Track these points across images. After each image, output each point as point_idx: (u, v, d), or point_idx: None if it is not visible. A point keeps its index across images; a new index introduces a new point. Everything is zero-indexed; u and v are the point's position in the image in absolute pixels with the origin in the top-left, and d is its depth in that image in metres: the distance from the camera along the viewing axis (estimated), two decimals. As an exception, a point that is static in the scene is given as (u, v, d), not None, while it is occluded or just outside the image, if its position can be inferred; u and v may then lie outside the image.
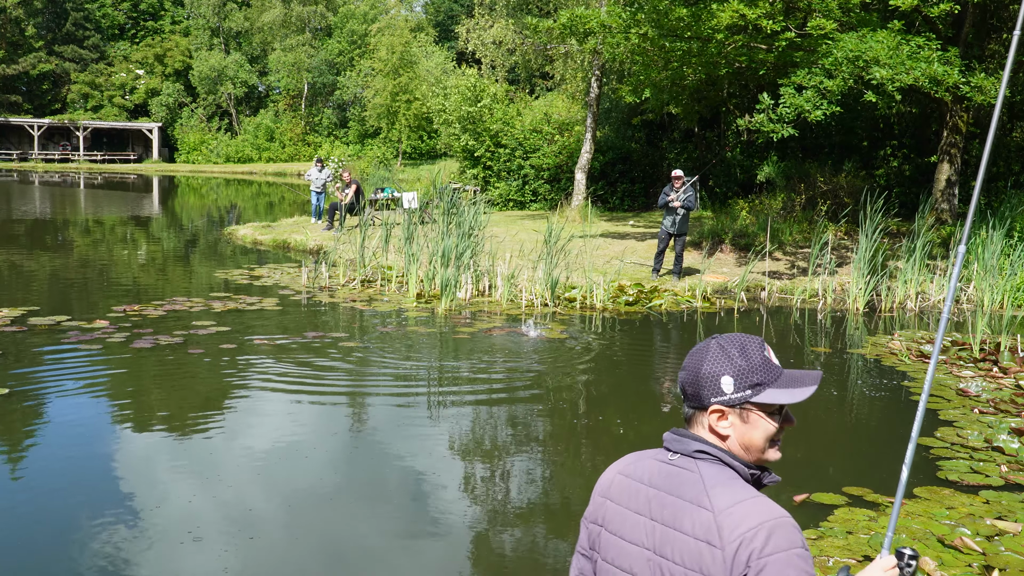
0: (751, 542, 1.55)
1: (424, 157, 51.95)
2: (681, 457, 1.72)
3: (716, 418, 1.70)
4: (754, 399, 1.68)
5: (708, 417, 1.72)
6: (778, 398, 1.68)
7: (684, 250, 13.01)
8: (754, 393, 1.68)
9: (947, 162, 14.87)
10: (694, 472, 1.68)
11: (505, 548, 4.51)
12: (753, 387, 1.68)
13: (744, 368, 1.68)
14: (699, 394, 1.72)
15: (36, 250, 16.75)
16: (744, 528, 1.57)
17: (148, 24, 68.82)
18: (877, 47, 11.44)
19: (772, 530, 1.56)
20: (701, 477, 1.67)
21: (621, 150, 22.22)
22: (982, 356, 8.72)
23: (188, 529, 4.52)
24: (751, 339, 1.72)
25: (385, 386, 7.44)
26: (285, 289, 11.99)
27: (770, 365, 1.70)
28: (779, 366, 1.72)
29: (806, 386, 1.70)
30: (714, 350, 1.71)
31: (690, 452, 1.71)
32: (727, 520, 1.59)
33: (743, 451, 1.71)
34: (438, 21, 64.45)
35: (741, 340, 1.72)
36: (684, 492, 1.67)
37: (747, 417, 1.69)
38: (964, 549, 4.32)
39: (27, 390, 6.91)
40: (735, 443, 1.71)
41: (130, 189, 39.40)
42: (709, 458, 1.69)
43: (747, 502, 1.61)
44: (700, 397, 1.72)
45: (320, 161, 19.50)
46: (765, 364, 1.69)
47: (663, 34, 13.48)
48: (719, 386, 1.69)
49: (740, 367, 1.69)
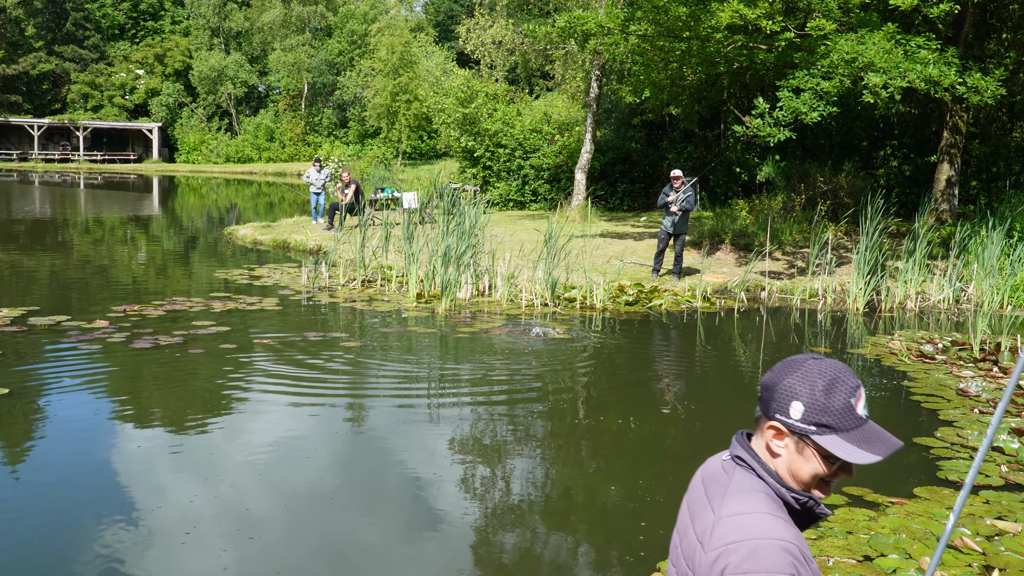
0: (729, 555, 1.54)
1: (424, 157, 51.96)
2: (730, 459, 1.73)
3: (772, 434, 1.67)
4: (815, 438, 1.61)
5: (767, 429, 1.68)
6: (838, 450, 1.60)
7: (684, 250, 13.00)
8: (818, 432, 1.61)
9: (947, 162, 14.87)
10: (728, 476, 1.69)
11: (505, 548, 4.51)
12: (819, 426, 1.61)
13: (820, 405, 1.61)
14: (768, 403, 1.68)
15: (36, 250, 16.75)
16: (729, 540, 1.55)
17: (148, 24, 68.83)
18: (871, 51, 11.43)
19: (755, 550, 1.52)
20: (729, 482, 1.67)
21: (621, 150, 22.22)
22: (982, 356, 8.72)
23: (188, 529, 4.52)
24: (847, 380, 1.63)
25: (385, 386, 7.43)
26: (285, 289, 11.98)
27: (850, 414, 1.61)
28: (863, 416, 1.63)
29: (874, 452, 1.60)
30: (804, 370, 1.64)
31: (731, 457, 1.72)
32: (720, 528, 1.59)
33: (789, 476, 1.66)
34: (438, 21, 64.46)
35: (834, 376, 1.63)
36: (712, 492, 1.69)
37: (803, 449, 1.64)
38: (964, 549, 4.32)
39: (27, 390, 6.91)
40: (783, 465, 1.66)
41: (130, 189, 39.40)
42: (744, 467, 1.68)
43: (747, 515, 1.58)
44: (768, 406, 1.68)
45: (319, 161, 19.47)
46: (845, 411, 1.61)
47: (662, 33, 13.48)
48: (788, 407, 1.63)
49: (817, 401, 1.61)
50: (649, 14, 13.30)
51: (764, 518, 1.57)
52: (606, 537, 4.65)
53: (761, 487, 1.63)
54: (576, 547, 4.54)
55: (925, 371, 8.13)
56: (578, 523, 4.84)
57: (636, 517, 4.78)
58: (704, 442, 6.16)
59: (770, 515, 1.58)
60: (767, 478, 1.64)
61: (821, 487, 1.66)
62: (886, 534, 4.47)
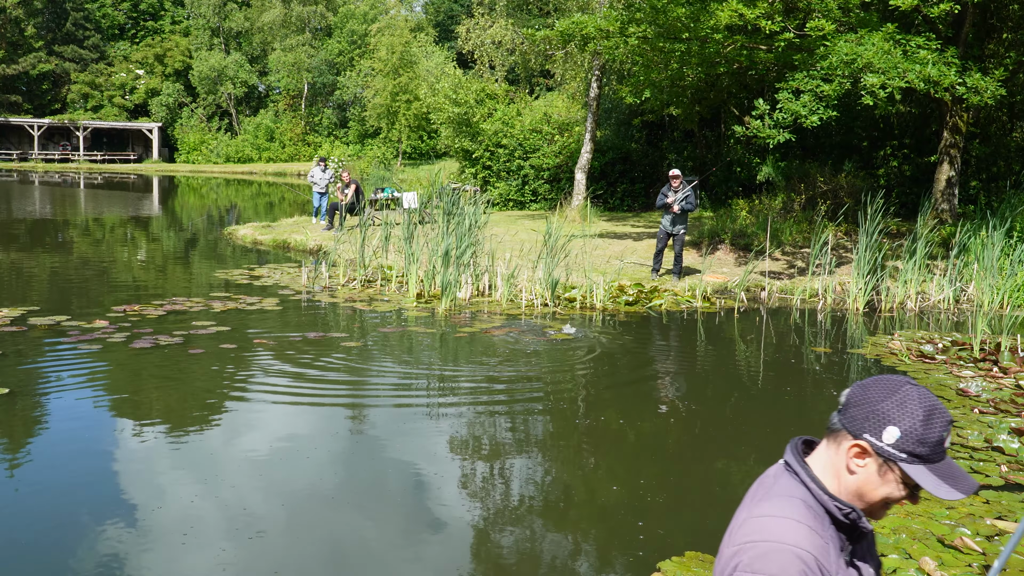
0: (741, 554, 1.56)
1: (424, 157, 51.95)
2: (782, 464, 1.73)
3: (856, 452, 1.63)
4: (903, 465, 1.60)
5: (849, 447, 1.64)
6: (926, 482, 1.59)
7: (683, 249, 13.00)
8: (908, 461, 1.60)
9: (947, 162, 14.87)
10: (773, 480, 1.69)
11: (505, 548, 4.51)
12: (912, 455, 1.59)
13: (918, 435, 1.59)
14: (858, 420, 1.63)
15: (36, 250, 16.74)
16: (746, 539, 1.57)
17: (148, 24, 68.84)
18: (870, 51, 11.42)
19: (767, 552, 1.53)
20: (772, 485, 1.67)
21: (621, 150, 22.22)
22: (982, 356, 8.72)
23: (187, 529, 4.52)
24: (943, 412, 1.62)
25: (385, 386, 7.43)
26: (285, 289, 11.98)
27: (940, 447, 1.61)
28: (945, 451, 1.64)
29: (958, 489, 1.60)
30: (902, 396, 1.61)
31: (782, 462, 1.72)
32: (746, 526, 1.61)
33: (853, 494, 1.64)
34: (438, 21, 64.48)
35: (932, 406, 1.61)
36: (755, 493, 1.70)
37: (885, 472, 1.62)
38: (964, 549, 4.32)
39: (27, 390, 6.91)
40: (854, 483, 1.64)
41: (130, 189, 39.40)
42: (791, 473, 1.67)
43: (772, 518, 1.58)
44: (856, 423, 1.63)
45: (323, 161, 19.41)
46: (938, 443, 1.60)
47: (661, 34, 13.47)
48: (882, 430, 1.60)
49: (915, 431, 1.59)
50: (648, 15, 13.30)
51: (788, 523, 1.56)
52: (606, 537, 4.65)
53: (801, 494, 1.62)
54: (576, 547, 4.54)
55: (925, 371, 8.13)
56: (578, 523, 4.84)
57: (636, 517, 4.78)
58: (704, 442, 6.16)
59: (795, 521, 1.57)
60: (811, 486, 1.63)
61: (880, 509, 1.65)
62: (886, 534, 4.47)
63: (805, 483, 1.64)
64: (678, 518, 4.84)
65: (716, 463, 5.72)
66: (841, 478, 1.65)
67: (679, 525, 4.74)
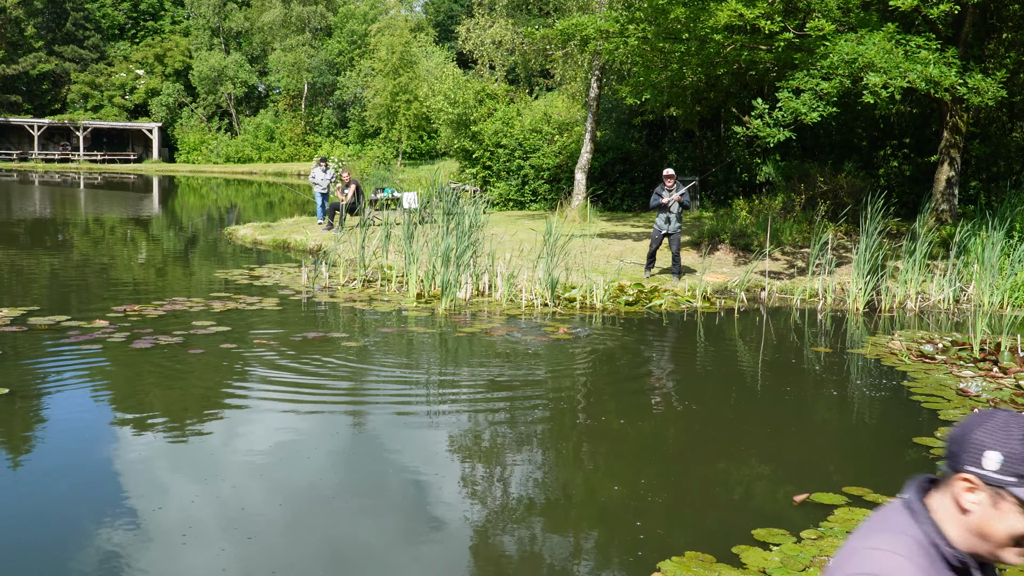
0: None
1: (424, 157, 51.95)
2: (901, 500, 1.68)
3: (965, 487, 1.58)
4: (1014, 490, 1.53)
5: (956, 484, 1.59)
6: None
7: (680, 249, 12.99)
8: (1018, 484, 1.53)
9: (947, 162, 14.86)
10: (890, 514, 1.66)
11: (505, 548, 4.51)
12: (1020, 478, 1.53)
13: (1020, 455, 1.53)
14: (957, 455, 1.59)
15: (36, 250, 16.75)
16: (852, 570, 1.56)
17: (148, 24, 68.83)
18: (871, 51, 11.42)
19: None
20: (887, 519, 1.64)
21: (621, 150, 22.22)
22: (982, 356, 8.72)
23: (187, 529, 4.52)
24: None
25: (385, 386, 7.43)
26: (285, 289, 11.98)
27: None
28: None
29: None
30: (997, 421, 1.57)
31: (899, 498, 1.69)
32: (852, 556, 1.59)
33: (975, 536, 1.58)
34: (438, 21, 64.45)
35: None
36: (869, 523, 1.68)
37: (999, 503, 1.55)
38: None
39: (27, 390, 6.91)
40: (973, 523, 1.58)
41: (130, 189, 39.40)
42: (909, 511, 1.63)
43: (878, 551, 1.56)
44: (957, 459, 1.59)
45: (324, 160, 19.38)
46: None
47: (661, 35, 13.47)
48: (981, 457, 1.55)
49: (1016, 452, 1.53)
50: (648, 16, 13.30)
51: (894, 558, 1.53)
52: (606, 537, 4.65)
53: (913, 532, 1.59)
54: (576, 547, 4.54)
55: (925, 371, 8.13)
56: (578, 523, 4.84)
57: (636, 517, 4.78)
58: (704, 442, 6.16)
59: (903, 557, 1.54)
60: (926, 526, 1.60)
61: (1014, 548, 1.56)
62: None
63: (919, 523, 1.60)
64: (678, 518, 4.84)
65: (716, 463, 5.71)
66: (959, 522, 1.60)
67: (679, 525, 4.74)
